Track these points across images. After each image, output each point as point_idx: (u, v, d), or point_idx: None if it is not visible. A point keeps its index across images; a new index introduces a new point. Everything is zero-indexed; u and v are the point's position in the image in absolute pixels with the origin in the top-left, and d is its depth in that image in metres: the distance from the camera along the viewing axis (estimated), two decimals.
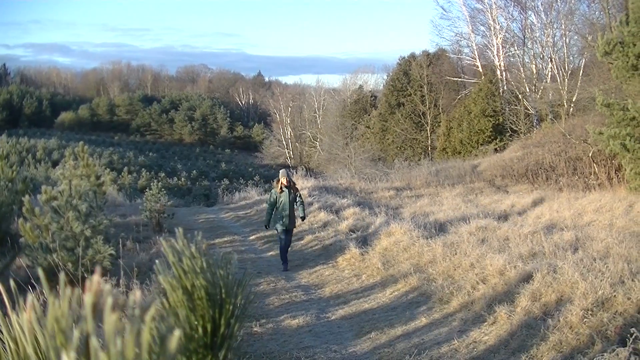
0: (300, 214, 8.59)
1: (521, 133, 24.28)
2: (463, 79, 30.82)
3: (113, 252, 6.37)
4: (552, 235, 8.01)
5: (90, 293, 0.63)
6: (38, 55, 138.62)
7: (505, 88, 27.25)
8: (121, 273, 5.54)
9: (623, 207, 10.90)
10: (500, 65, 27.75)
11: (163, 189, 12.83)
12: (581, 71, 22.44)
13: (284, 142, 52.51)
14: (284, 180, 8.48)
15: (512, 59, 28.43)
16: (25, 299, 0.76)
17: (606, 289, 4.78)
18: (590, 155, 15.42)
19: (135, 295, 0.66)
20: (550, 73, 25.55)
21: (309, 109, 52.00)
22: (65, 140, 40.55)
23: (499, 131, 25.50)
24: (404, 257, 7.69)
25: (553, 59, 25.15)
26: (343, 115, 41.53)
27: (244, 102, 73.23)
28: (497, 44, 27.70)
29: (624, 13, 13.76)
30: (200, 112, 62.18)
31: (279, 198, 8.44)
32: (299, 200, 8.59)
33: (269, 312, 6.10)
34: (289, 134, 52.48)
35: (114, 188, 20.32)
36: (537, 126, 24.55)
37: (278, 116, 53.74)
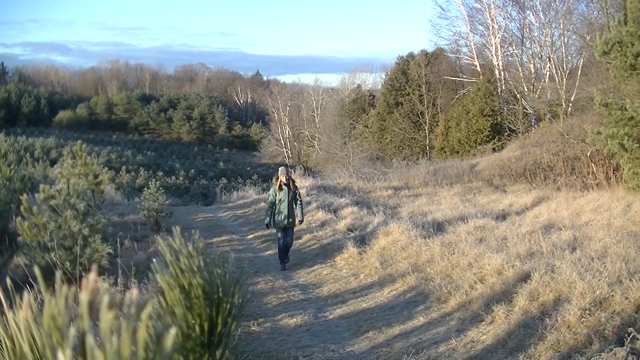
0: (298, 217, 8.50)
1: (519, 133, 24.29)
2: (461, 79, 30.84)
3: (111, 251, 6.36)
4: (550, 234, 8.00)
5: (87, 291, 0.63)
6: (36, 54, 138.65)
7: (503, 87, 27.28)
8: (119, 272, 5.53)
9: (621, 207, 10.91)
10: (498, 64, 27.76)
11: (161, 188, 12.84)
12: (579, 71, 22.48)
13: (282, 142, 52.47)
14: (283, 178, 8.40)
15: (511, 59, 28.49)
16: (22, 298, 0.76)
17: (604, 289, 4.79)
18: (588, 154, 15.44)
19: (132, 293, 0.66)
20: (548, 73, 25.60)
21: (307, 108, 51.98)
22: (63, 139, 40.51)
23: (497, 131, 25.50)
24: (401, 257, 7.69)
25: (551, 59, 25.17)
26: (341, 114, 41.51)
27: (242, 102, 73.21)
28: (496, 43, 27.72)
29: (622, 13, 13.77)
30: (198, 111, 62.16)
31: (277, 196, 8.37)
32: (298, 200, 8.54)
33: (266, 311, 6.09)
34: (287, 133, 52.44)
35: (112, 187, 20.31)
36: (535, 126, 24.57)
37: (276, 115, 53.74)
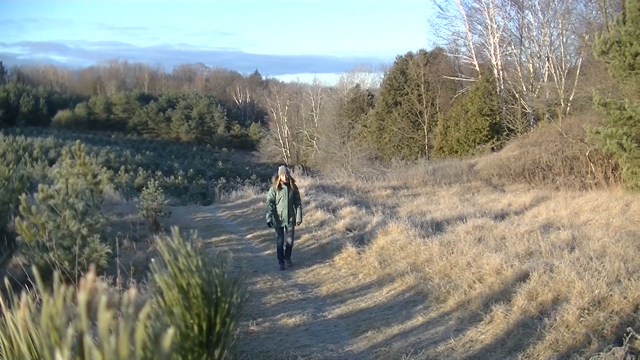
0: (297, 218, 8.48)
1: (518, 132, 24.30)
2: (460, 78, 30.83)
3: (110, 251, 6.36)
4: (549, 234, 8.01)
5: (85, 291, 0.63)
6: (35, 54, 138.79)
7: (502, 87, 27.30)
8: (118, 272, 5.52)
9: (620, 207, 10.92)
10: (497, 64, 27.77)
11: (160, 188, 12.84)
12: (578, 70, 22.49)
13: (281, 141, 52.41)
14: (282, 177, 8.39)
15: (509, 58, 28.53)
16: (20, 297, 0.75)
17: (602, 288, 4.79)
18: (587, 154, 15.45)
19: (130, 293, 0.66)
20: (547, 72, 25.62)
21: (306, 107, 51.90)
22: (62, 139, 40.51)
23: (496, 130, 25.50)
24: (400, 256, 7.69)
25: (550, 58, 25.19)
26: (340, 114, 41.50)
27: (241, 101, 73.16)
28: (494, 43, 27.73)
29: (621, 12, 13.79)
30: (197, 111, 62.13)
31: (277, 195, 8.36)
32: (297, 201, 8.53)
33: (265, 311, 6.09)
34: (286, 132, 52.38)
35: (110, 187, 20.33)
36: (534, 125, 24.58)
37: (275, 115, 53.66)
